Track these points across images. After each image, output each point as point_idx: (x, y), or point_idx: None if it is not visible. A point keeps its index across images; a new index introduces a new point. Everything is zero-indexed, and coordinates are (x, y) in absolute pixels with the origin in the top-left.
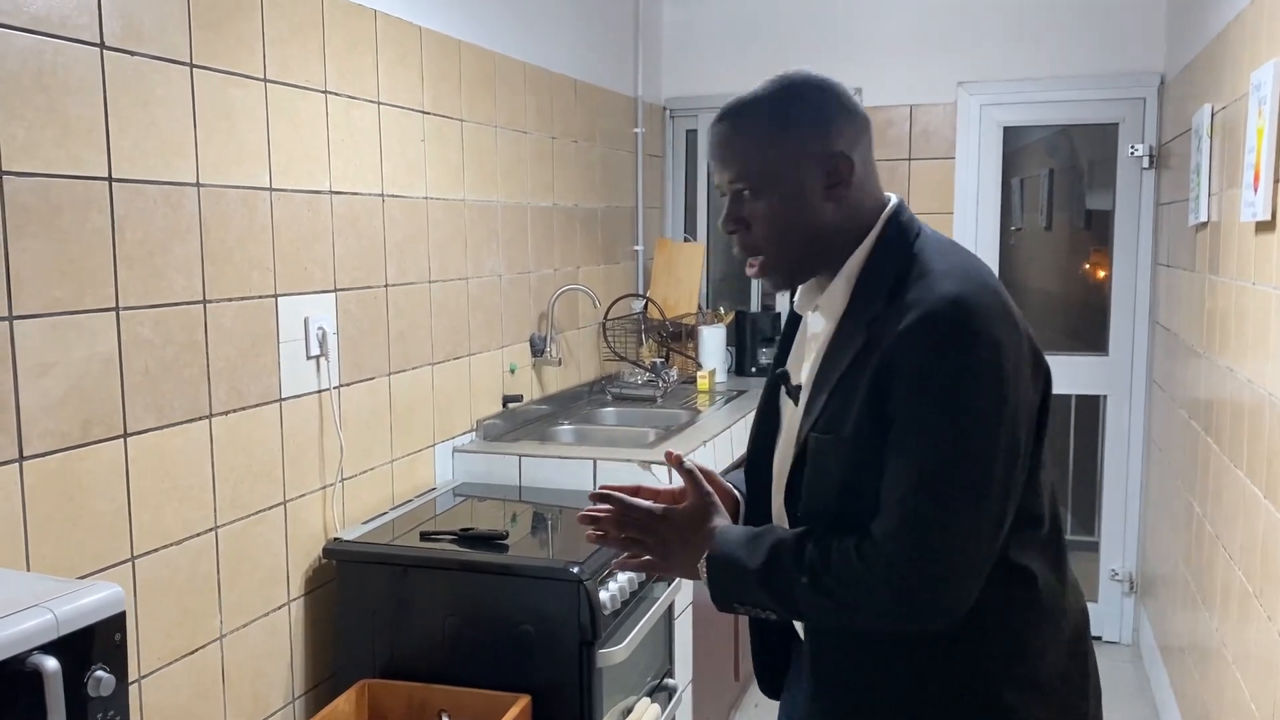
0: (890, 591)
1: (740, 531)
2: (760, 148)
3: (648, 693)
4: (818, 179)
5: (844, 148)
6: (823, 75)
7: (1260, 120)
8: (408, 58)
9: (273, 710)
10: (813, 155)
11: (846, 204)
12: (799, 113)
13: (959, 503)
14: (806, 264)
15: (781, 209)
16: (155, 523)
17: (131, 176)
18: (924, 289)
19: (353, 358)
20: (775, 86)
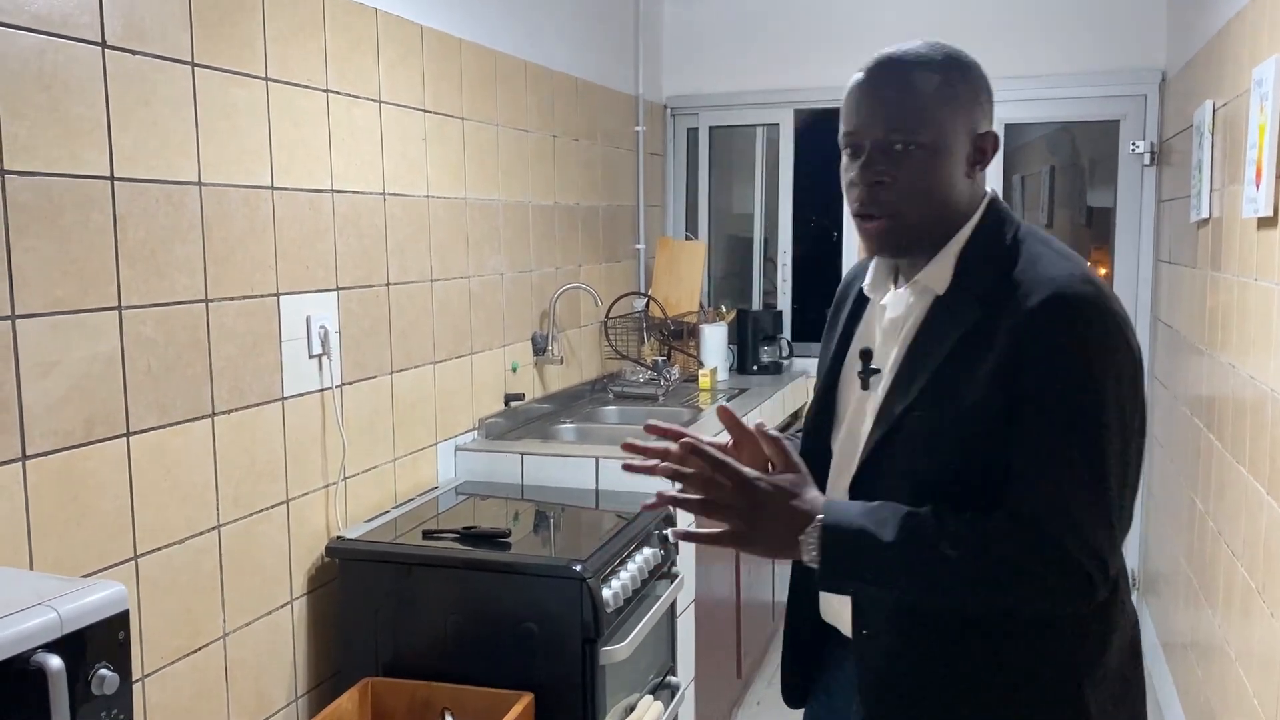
0: (1056, 569)
1: (853, 504)
2: (932, 106)
3: (650, 690)
4: (966, 152)
5: (991, 128)
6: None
7: (1262, 116)
8: (409, 56)
9: (276, 709)
10: (968, 129)
11: (974, 184)
12: (967, 82)
13: (1110, 481)
14: (927, 232)
15: (932, 171)
16: (158, 521)
17: (133, 176)
18: (1047, 267)
19: (355, 356)
20: (943, 52)
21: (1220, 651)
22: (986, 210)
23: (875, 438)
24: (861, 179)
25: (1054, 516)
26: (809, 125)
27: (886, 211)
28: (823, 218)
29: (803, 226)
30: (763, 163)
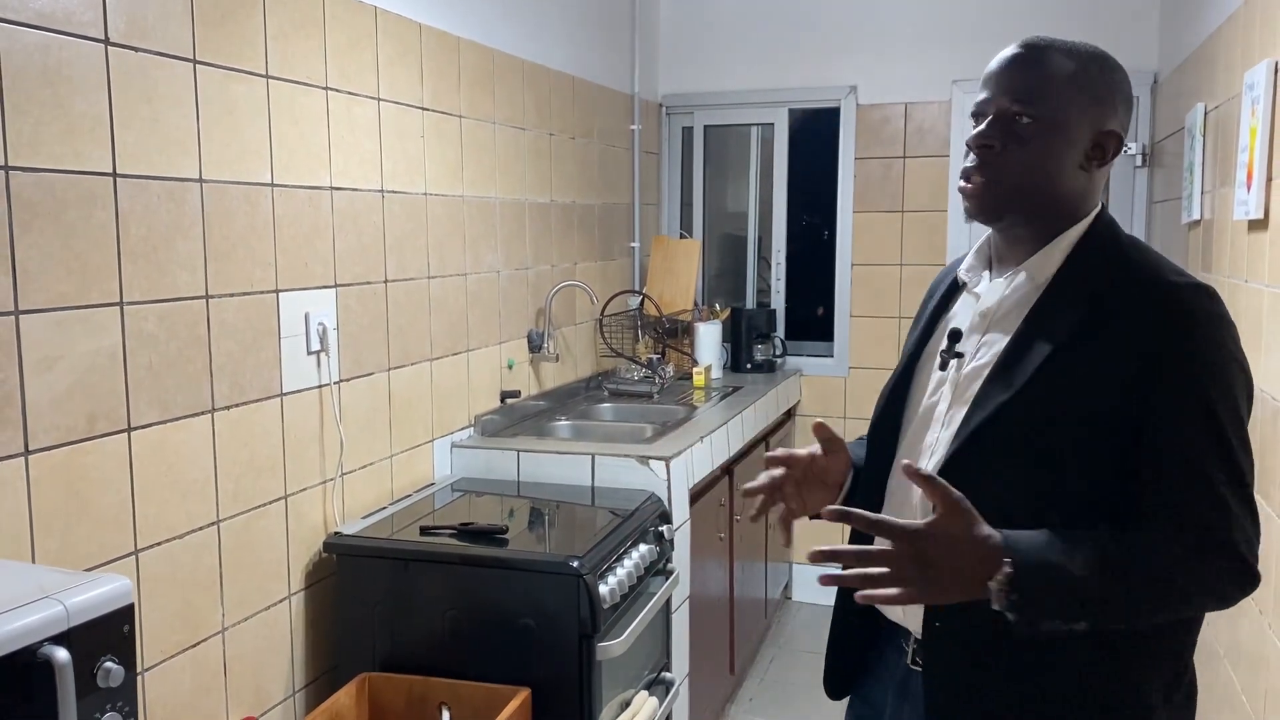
0: (1231, 571)
1: (1028, 535)
2: (1060, 87)
3: (645, 686)
4: (1085, 143)
5: (1118, 129)
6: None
7: (1253, 119)
8: (407, 54)
9: (273, 703)
10: (1093, 122)
11: (1088, 181)
12: (1104, 78)
13: (1248, 479)
14: (1021, 209)
15: (1043, 148)
16: (158, 516)
17: (135, 172)
18: (1170, 275)
19: (353, 353)
20: (1091, 47)
21: (1208, 648)
22: (1101, 214)
23: (971, 426)
24: (974, 141)
25: (1221, 519)
26: (803, 125)
27: (987, 175)
28: (815, 217)
29: (797, 226)
30: (757, 162)
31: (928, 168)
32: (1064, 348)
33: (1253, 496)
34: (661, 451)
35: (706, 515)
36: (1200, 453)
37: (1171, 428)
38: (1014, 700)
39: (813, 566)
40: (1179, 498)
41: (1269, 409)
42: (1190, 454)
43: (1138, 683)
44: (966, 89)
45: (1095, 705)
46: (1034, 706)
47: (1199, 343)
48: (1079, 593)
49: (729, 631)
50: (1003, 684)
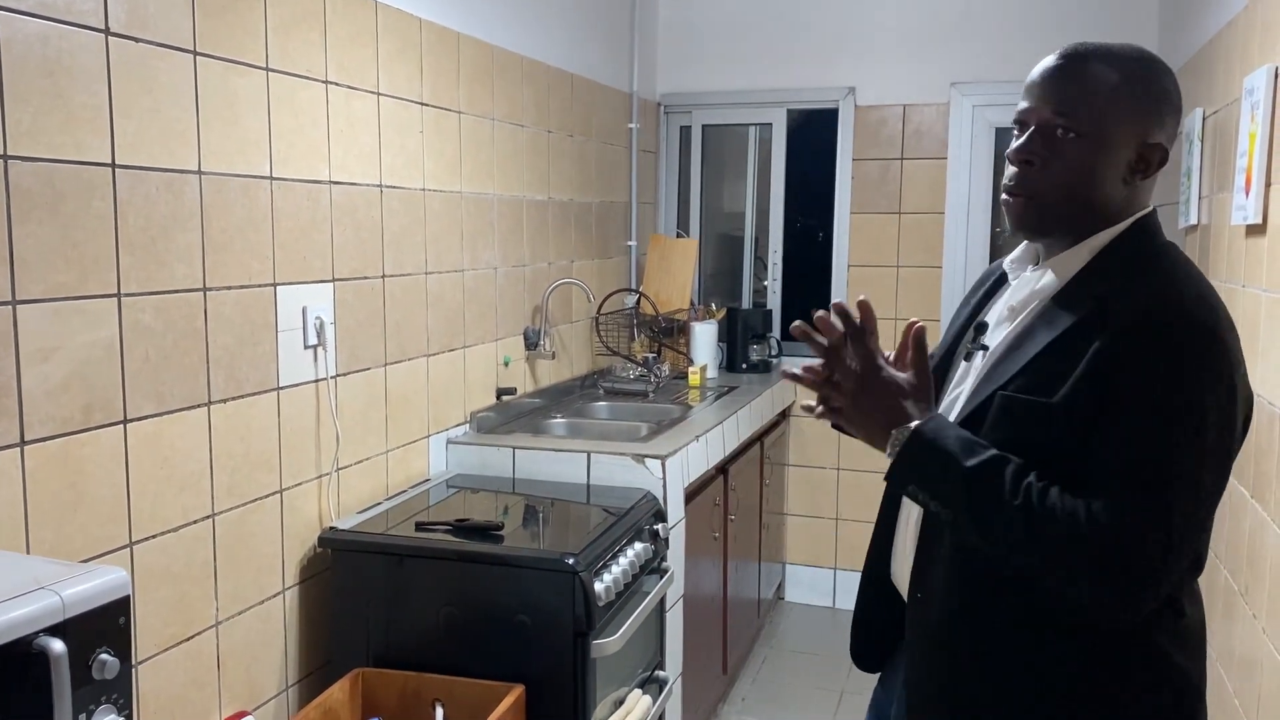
0: (1097, 567)
1: (955, 428)
2: (1102, 97)
3: (639, 684)
4: (1129, 156)
5: (1163, 141)
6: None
7: (1253, 124)
8: (407, 49)
9: (267, 697)
10: (1138, 133)
11: (1132, 191)
12: (1148, 88)
13: (1175, 500)
14: (1065, 221)
15: (1085, 163)
16: (154, 509)
17: (134, 163)
18: (1169, 284)
19: (349, 348)
20: (1137, 53)
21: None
22: (1139, 220)
23: (965, 412)
24: (1014, 156)
25: (1114, 525)
26: (801, 126)
27: (1027, 192)
28: (811, 219)
29: (794, 226)
30: (755, 162)
31: (925, 170)
32: (1054, 345)
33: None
34: (657, 450)
35: (701, 514)
36: (1128, 462)
37: (1112, 433)
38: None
39: (806, 568)
40: (1095, 494)
41: (1266, 414)
42: (1118, 461)
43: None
44: (965, 91)
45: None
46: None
47: (1162, 356)
48: (947, 476)
49: (722, 631)
50: (967, 663)
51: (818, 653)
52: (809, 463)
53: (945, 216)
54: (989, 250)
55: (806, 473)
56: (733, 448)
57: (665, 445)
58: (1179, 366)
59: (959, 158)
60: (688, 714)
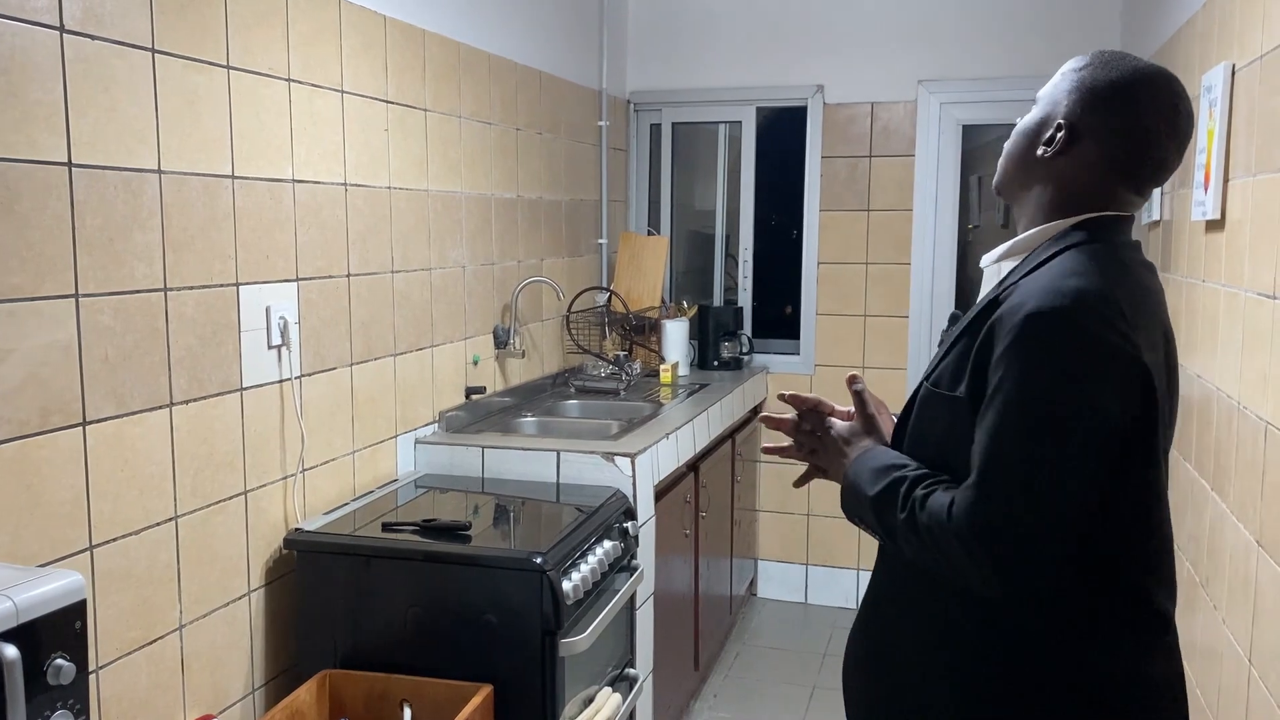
0: (956, 557)
1: (883, 457)
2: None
3: (609, 682)
4: (1047, 129)
5: (1074, 122)
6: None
7: (1211, 122)
8: (372, 47)
9: (232, 701)
10: (1059, 110)
11: (1051, 170)
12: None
13: (1026, 487)
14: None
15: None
16: (114, 512)
17: (91, 162)
18: (1052, 279)
19: (314, 348)
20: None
21: None
22: (1084, 221)
23: (905, 409)
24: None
25: (967, 510)
26: (771, 124)
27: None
28: (782, 216)
29: (764, 224)
30: (725, 160)
31: (893, 167)
32: (958, 341)
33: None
34: (627, 448)
35: (672, 512)
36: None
37: (983, 416)
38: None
39: (778, 564)
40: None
41: (1224, 407)
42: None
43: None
44: (932, 89)
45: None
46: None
47: (1020, 350)
48: (862, 506)
49: (693, 628)
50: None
51: (790, 648)
52: (780, 459)
53: (913, 213)
54: (956, 247)
55: (778, 469)
56: (704, 445)
57: (635, 443)
58: (1027, 360)
59: (927, 155)
60: (659, 711)
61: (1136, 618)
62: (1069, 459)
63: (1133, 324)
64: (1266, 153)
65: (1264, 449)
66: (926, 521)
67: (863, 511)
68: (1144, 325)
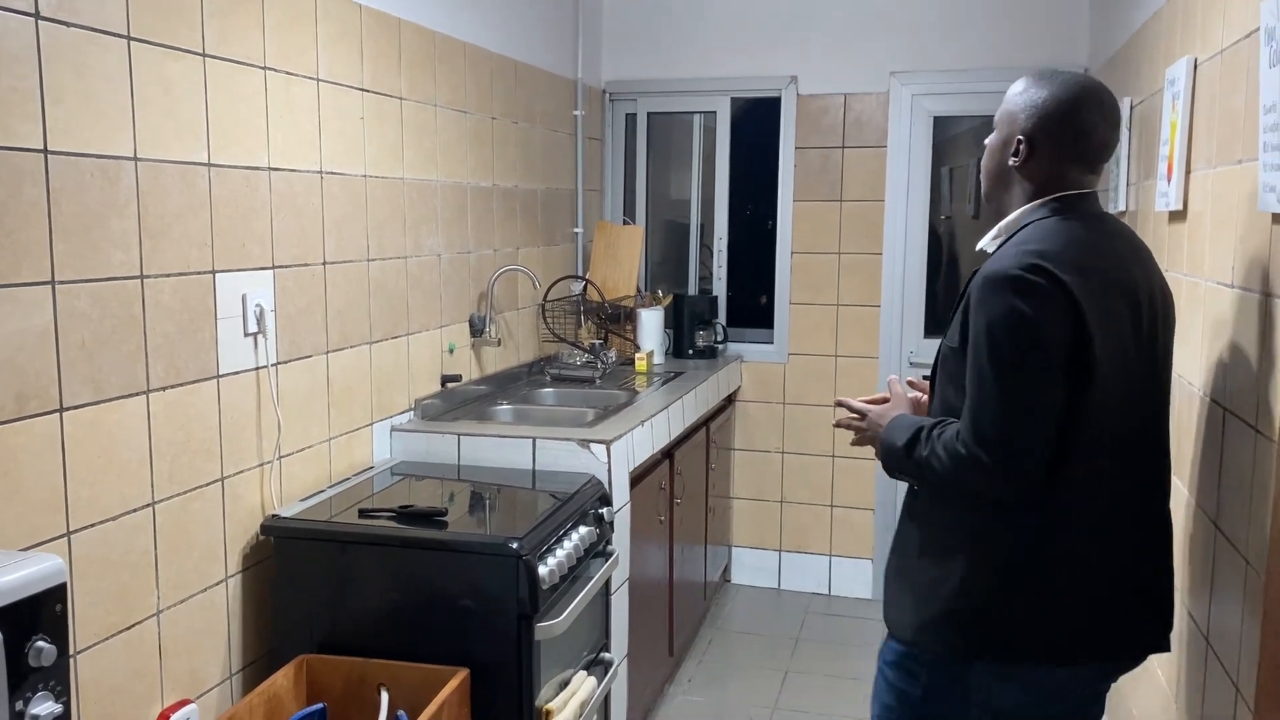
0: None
1: (907, 420)
2: (1005, 103)
3: (584, 666)
4: (1011, 146)
5: (1031, 134)
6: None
7: (1174, 114)
8: (347, 35)
9: (210, 685)
10: (1014, 129)
11: (1023, 173)
12: (1030, 95)
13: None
14: (993, 197)
15: (990, 148)
16: (92, 498)
17: (67, 149)
18: (1016, 245)
19: (290, 335)
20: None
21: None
22: (1048, 200)
23: (933, 364)
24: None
25: (966, 430)
26: (746, 114)
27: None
28: (757, 206)
29: (739, 214)
30: (700, 150)
31: (866, 158)
32: (961, 299)
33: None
34: (602, 435)
35: (647, 498)
36: (970, 384)
37: (968, 366)
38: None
39: (751, 550)
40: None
41: (1185, 394)
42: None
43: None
44: (904, 80)
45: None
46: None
47: (981, 305)
48: (898, 460)
49: (668, 613)
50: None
51: (763, 633)
52: (755, 447)
53: (885, 204)
54: (928, 237)
55: (752, 456)
56: (678, 432)
57: (611, 430)
58: (987, 313)
59: (899, 146)
60: (634, 695)
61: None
62: (1026, 375)
63: (1071, 271)
64: (1226, 146)
65: (1221, 434)
66: (942, 451)
67: (899, 461)
68: (1087, 272)
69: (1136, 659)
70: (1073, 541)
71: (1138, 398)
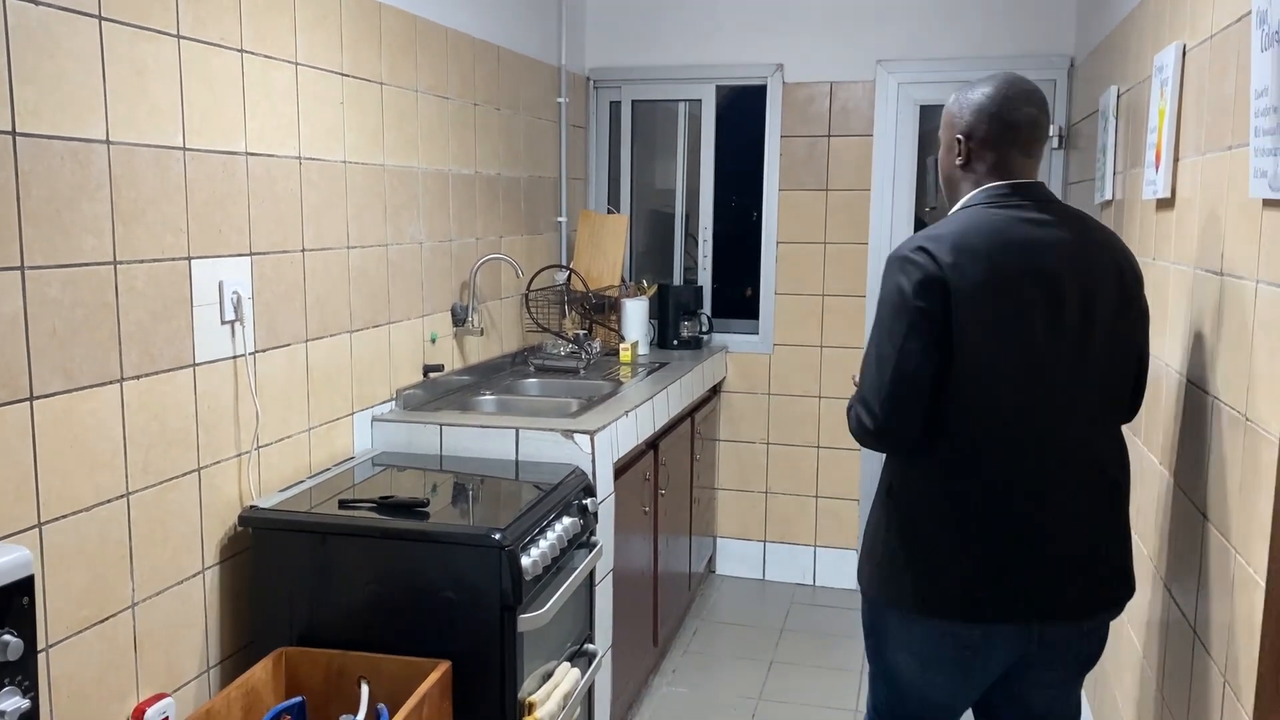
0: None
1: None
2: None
3: (568, 658)
4: (955, 149)
5: (967, 133)
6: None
7: (1162, 101)
8: (326, 18)
9: (187, 679)
10: (952, 132)
11: (968, 169)
12: (960, 100)
13: (869, 378)
14: (949, 194)
15: (941, 152)
16: (64, 488)
17: (37, 131)
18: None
19: (269, 323)
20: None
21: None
22: (977, 193)
23: None
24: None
25: (856, 393)
26: (731, 102)
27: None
28: (741, 196)
29: (724, 205)
30: (685, 138)
31: (851, 147)
32: None
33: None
34: (586, 425)
35: (631, 489)
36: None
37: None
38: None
39: (736, 541)
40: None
41: (1172, 383)
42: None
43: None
44: (891, 69)
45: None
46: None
47: (880, 290)
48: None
49: (652, 604)
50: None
51: (748, 624)
52: (739, 438)
53: (871, 193)
54: (913, 227)
55: (737, 447)
56: (663, 423)
57: (595, 421)
58: (882, 288)
59: (885, 135)
60: (618, 686)
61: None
62: (896, 345)
63: (954, 253)
64: (1216, 132)
65: (1209, 424)
66: (850, 411)
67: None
68: (979, 254)
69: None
70: (953, 505)
71: (1042, 375)
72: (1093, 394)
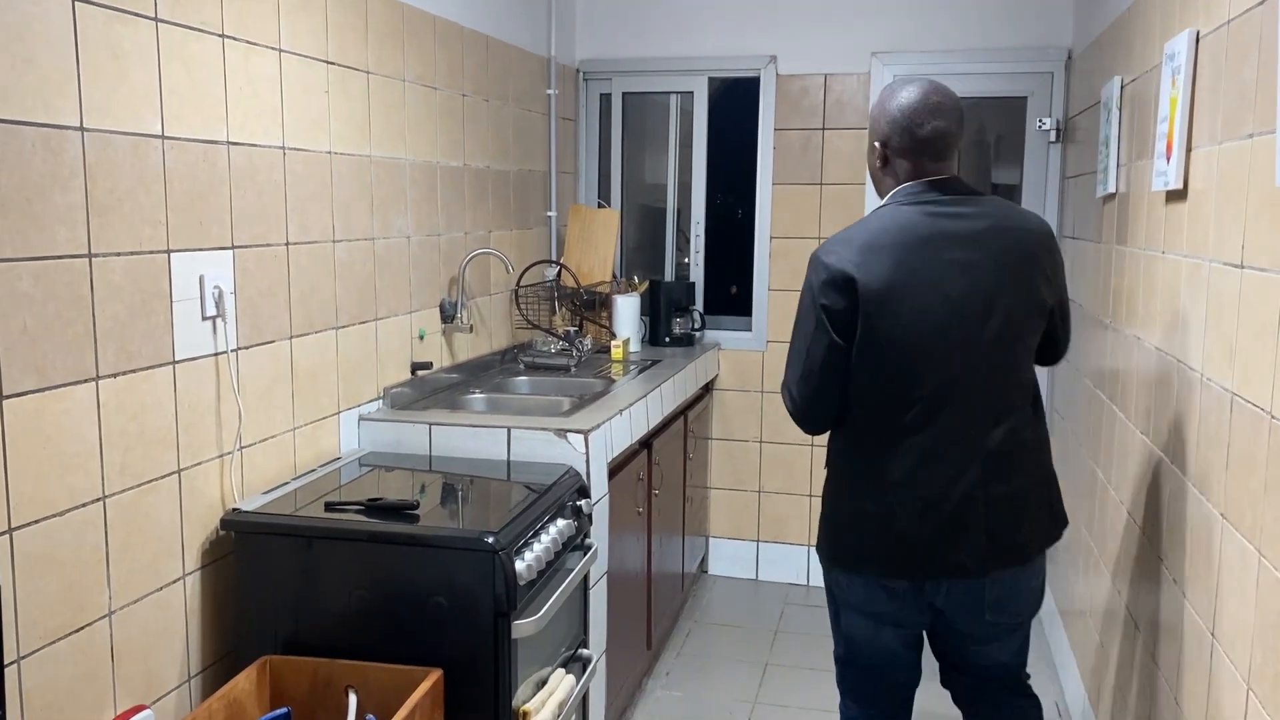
0: (786, 405)
1: None
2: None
3: (562, 663)
4: (875, 154)
5: (884, 141)
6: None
7: (1174, 90)
8: (311, 5)
9: (167, 689)
10: (871, 137)
11: (887, 171)
12: (878, 109)
13: (790, 366)
14: (879, 195)
15: (868, 161)
16: (35, 492)
17: (5, 117)
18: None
19: (251, 319)
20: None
21: (1118, 617)
22: (897, 191)
23: None
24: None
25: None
26: (723, 95)
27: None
28: (734, 190)
29: (716, 201)
30: (676, 132)
31: (846, 140)
32: None
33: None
34: (579, 425)
35: (625, 489)
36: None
37: None
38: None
39: (729, 541)
40: None
41: (1185, 379)
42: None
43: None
44: (885, 61)
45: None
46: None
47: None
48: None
49: (646, 606)
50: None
51: (742, 625)
52: (732, 436)
53: (866, 188)
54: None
55: (730, 446)
56: (656, 422)
57: (588, 420)
58: (803, 283)
59: None
60: (612, 690)
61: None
62: (807, 336)
63: (859, 251)
64: (1234, 120)
65: (1229, 420)
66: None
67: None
68: (872, 251)
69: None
70: (865, 472)
71: (947, 354)
72: (997, 355)
